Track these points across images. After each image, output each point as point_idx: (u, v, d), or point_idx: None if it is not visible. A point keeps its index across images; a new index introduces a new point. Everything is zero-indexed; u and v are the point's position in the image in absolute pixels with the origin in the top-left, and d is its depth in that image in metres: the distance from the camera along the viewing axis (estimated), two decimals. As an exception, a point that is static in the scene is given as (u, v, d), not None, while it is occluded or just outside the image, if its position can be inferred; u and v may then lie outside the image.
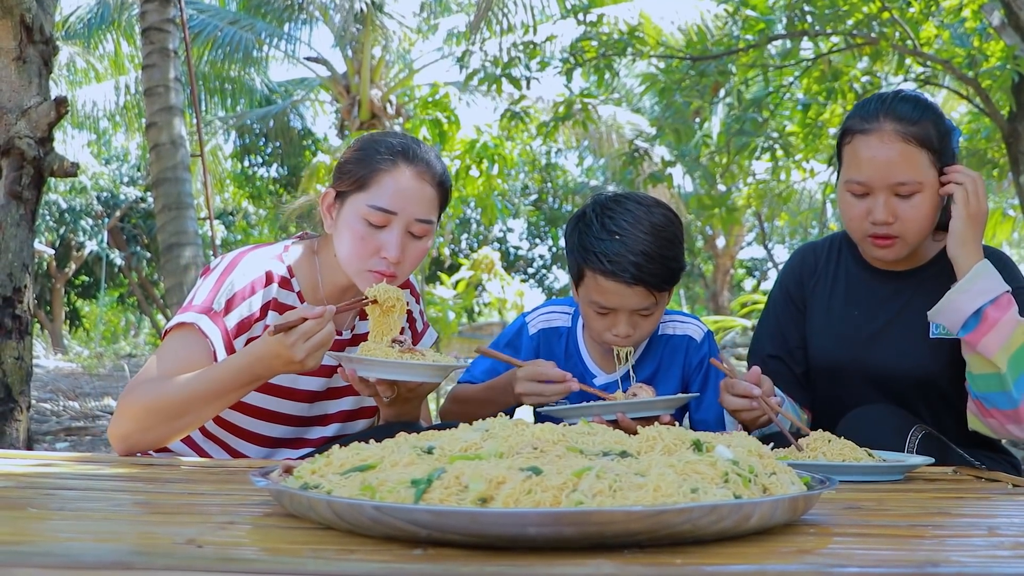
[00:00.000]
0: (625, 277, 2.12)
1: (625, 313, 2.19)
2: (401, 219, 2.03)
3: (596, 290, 2.18)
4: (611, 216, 2.18)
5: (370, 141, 2.11)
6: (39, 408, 8.28)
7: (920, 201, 2.12)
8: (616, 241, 2.14)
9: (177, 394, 1.88)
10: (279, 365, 1.85)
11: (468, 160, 9.61)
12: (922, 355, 2.19)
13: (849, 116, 2.23)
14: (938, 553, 1.02)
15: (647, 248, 2.13)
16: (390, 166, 2.04)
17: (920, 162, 2.10)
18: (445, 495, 1.02)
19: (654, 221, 2.17)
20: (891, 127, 2.10)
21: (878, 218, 2.12)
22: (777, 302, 2.44)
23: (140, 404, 1.88)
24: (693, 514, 0.98)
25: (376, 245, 2.02)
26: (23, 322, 4.17)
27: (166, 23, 7.89)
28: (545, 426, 1.27)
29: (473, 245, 25.70)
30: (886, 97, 2.18)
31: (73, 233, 23.52)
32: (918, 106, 2.14)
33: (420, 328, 2.40)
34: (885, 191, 2.11)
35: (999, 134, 7.11)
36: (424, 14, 16.53)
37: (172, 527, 1.11)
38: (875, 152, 2.10)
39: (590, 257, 2.16)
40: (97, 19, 15.48)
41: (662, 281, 2.17)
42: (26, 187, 4.14)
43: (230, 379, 1.88)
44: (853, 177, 2.15)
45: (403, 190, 2.03)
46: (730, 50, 7.28)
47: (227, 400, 1.91)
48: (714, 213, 8.82)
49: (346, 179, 2.07)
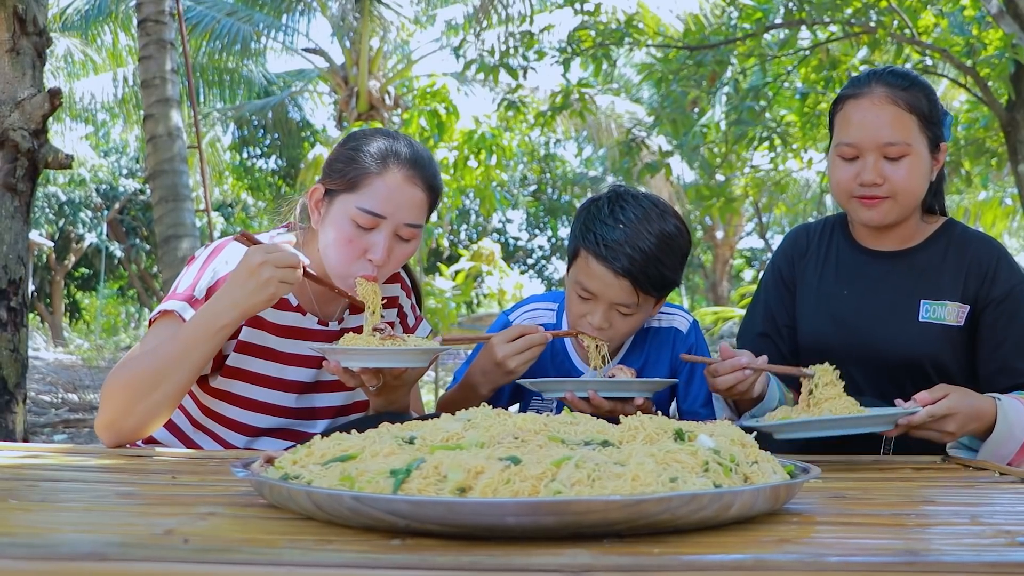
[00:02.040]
0: (616, 266, 2.11)
1: (604, 304, 2.17)
2: (390, 223, 2.01)
3: (584, 271, 2.16)
4: (623, 207, 2.17)
5: (362, 139, 2.08)
6: (38, 400, 8.29)
7: (909, 164, 2.13)
8: (619, 230, 2.12)
9: (148, 364, 1.86)
10: (243, 293, 1.83)
11: (466, 151, 9.59)
12: (911, 337, 2.19)
13: (843, 88, 2.26)
14: (919, 542, 1.02)
15: (647, 247, 2.11)
16: (381, 168, 2.01)
17: (909, 125, 2.12)
18: (424, 485, 1.02)
19: (664, 227, 2.16)
20: (881, 91, 2.13)
21: (866, 179, 2.13)
22: (768, 282, 2.44)
23: (117, 386, 1.87)
24: (672, 503, 0.98)
25: (363, 247, 2.00)
26: (19, 315, 4.16)
27: (162, 14, 7.87)
28: (527, 416, 1.26)
29: (472, 236, 25.70)
30: (879, 69, 2.22)
31: (72, 225, 23.53)
32: (908, 76, 2.18)
33: (412, 323, 2.38)
34: (874, 152, 2.12)
35: (997, 123, 7.10)
36: (422, 4, 16.48)
37: (152, 518, 1.11)
38: (865, 114, 2.13)
39: (589, 236, 2.15)
40: (95, 11, 15.45)
41: (650, 283, 2.14)
42: (20, 179, 4.13)
43: (193, 329, 1.86)
44: (843, 140, 2.16)
45: (393, 194, 2.01)
46: (727, 39, 7.26)
47: (197, 355, 1.86)
48: (712, 203, 8.81)
49: (336, 177, 2.05)
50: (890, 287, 2.25)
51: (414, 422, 1.33)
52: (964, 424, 1.88)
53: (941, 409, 1.84)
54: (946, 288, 2.21)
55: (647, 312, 2.24)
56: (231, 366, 2.08)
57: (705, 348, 2.41)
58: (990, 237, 2.32)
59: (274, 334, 2.10)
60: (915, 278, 2.23)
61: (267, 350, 2.09)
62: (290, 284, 1.85)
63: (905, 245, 2.28)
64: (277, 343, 2.10)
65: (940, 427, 1.87)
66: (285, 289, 1.85)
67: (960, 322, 2.18)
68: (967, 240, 2.26)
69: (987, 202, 13.63)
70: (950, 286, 2.20)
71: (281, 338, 2.10)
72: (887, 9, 6.54)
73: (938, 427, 1.87)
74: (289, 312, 2.11)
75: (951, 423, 1.86)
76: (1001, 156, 8.44)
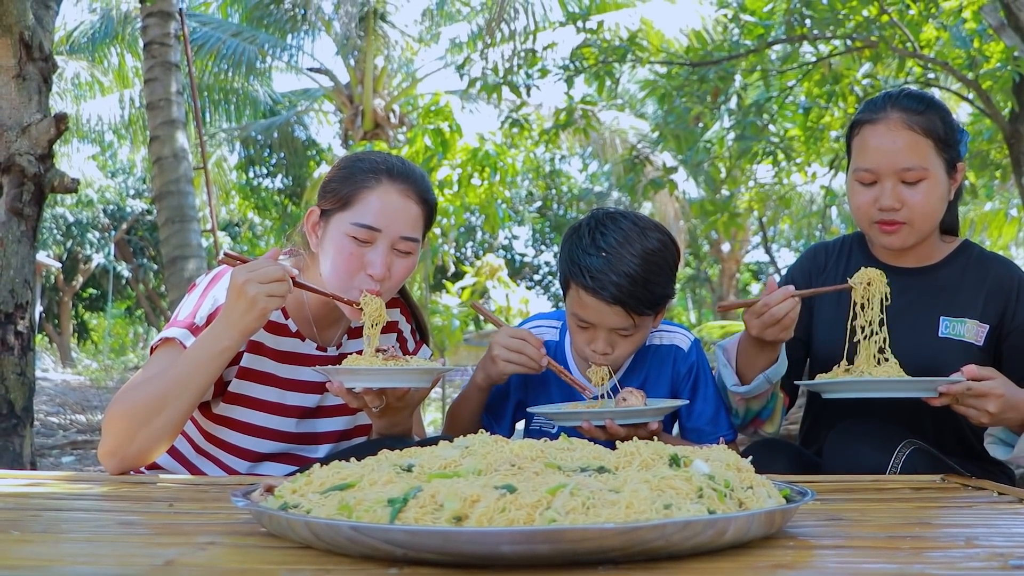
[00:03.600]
0: (604, 295, 2.11)
1: (604, 330, 2.18)
2: (386, 236, 2.03)
3: (577, 304, 2.18)
4: (603, 232, 2.17)
5: (354, 159, 2.13)
6: (46, 422, 8.31)
7: (926, 188, 2.17)
8: (602, 258, 2.13)
9: (151, 391, 1.88)
10: (236, 315, 1.85)
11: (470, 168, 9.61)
12: (930, 352, 2.21)
13: (858, 111, 2.30)
14: (912, 565, 1.02)
15: (632, 270, 2.11)
16: (374, 184, 2.05)
17: (926, 149, 2.16)
18: (420, 514, 1.03)
19: (647, 245, 2.15)
20: (897, 116, 2.17)
21: (885, 204, 2.17)
22: None
23: (119, 414, 1.88)
24: (666, 530, 0.99)
25: (362, 262, 2.03)
26: (25, 338, 4.19)
27: (167, 37, 7.93)
28: (524, 442, 1.27)
29: (479, 253, 25.71)
30: (894, 92, 2.26)
31: (80, 246, 23.62)
32: (924, 100, 2.22)
33: (412, 347, 2.40)
34: (892, 178, 2.17)
35: (1001, 135, 7.10)
36: (426, 23, 16.56)
37: (152, 548, 1.12)
38: (882, 139, 2.17)
39: (575, 270, 2.16)
40: (101, 33, 15.58)
41: (642, 305, 2.14)
42: (27, 204, 4.17)
43: (194, 355, 1.88)
44: (861, 165, 2.21)
45: (387, 207, 2.04)
46: (730, 55, 7.28)
47: (198, 380, 1.88)
48: (717, 218, 8.81)
49: (330, 197, 2.08)
50: (909, 303, 2.28)
51: (413, 448, 1.34)
52: (1003, 409, 1.95)
53: (984, 386, 1.93)
54: (965, 306, 2.25)
55: (647, 328, 2.26)
56: (232, 392, 2.09)
57: (707, 366, 2.42)
58: (1007, 259, 2.36)
59: (274, 359, 2.11)
60: (934, 295, 2.28)
61: (267, 375, 2.11)
62: (279, 297, 1.86)
63: (924, 263, 2.32)
64: (277, 368, 2.11)
65: (980, 405, 1.95)
66: (275, 303, 1.86)
67: (979, 341, 2.21)
68: (985, 260, 2.32)
69: (992, 214, 13.61)
70: (969, 304, 2.24)
71: (280, 363, 2.12)
72: (889, 23, 6.55)
73: (978, 404, 1.95)
74: (288, 338, 2.13)
75: (991, 403, 1.93)
76: (1005, 168, 8.43)
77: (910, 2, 6.62)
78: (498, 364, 2.21)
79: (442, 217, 9.48)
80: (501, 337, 2.22)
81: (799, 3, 6.63)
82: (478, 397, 2.34)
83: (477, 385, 2.31)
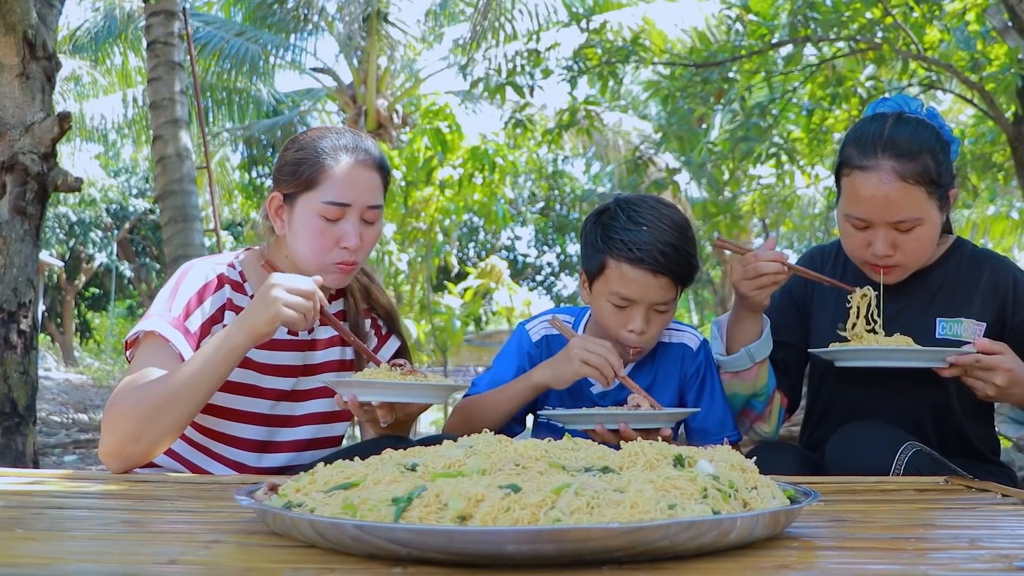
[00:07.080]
0: (652, 265, 2.17)
1: (644, 307, 2.21)
2: (355, 209, 2.11)
3: (619, 280, 2.20)
4: (636, 210, 2.24)
5: (308, 140, 2.17)
6: (48, 421, 8.32)
7: (920, 233, 2.16)
8: (644, 231, 2.19)
9: (160, 388, 1.88)
10: (252, 314, 1.88)
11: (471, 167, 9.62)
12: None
13: (847, 142, 2.23)
14: (916, 567, 1.02)
15: (672, 239, 2.19)
16: (334, 161, 2.11)
17: (919, 199, 2.13)
18: (425, 513, 1.03)
19: (675, 218, 2.25)
20: (889, 165, 2.11)
21: (878, 251, 2.17)
22: (776, 295, 2.46)
23: (124, 413, 1.88)
24: (670, 530, 0.99)
25: (335, 237, 2.09)
26: (28, 337, 4.19)
27: (171, 36, 7.93)
28: (528, 442, 1.27)
29: (481, 254, 25.71)
30: (884, 126, 2.18)
31: (83, 245, 23.64)
32: (916, 136, 2.15)
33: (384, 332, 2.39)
34: (885, 227, 2.15)
35: (1004, 137, 7.10)
36: (429, 23, 16.55)
37: (156, 546, 1.12)
38: (874, 192, 2.13)
39: (616, 245, 2.20)
40: (104, 32, 15.56)
41: (685, 273, 2.23)
42: (30, 203, 4.17)
43: (207, 352, 1.89)
44: (852, 213, 2.18)
45: (352, 181, 2.10)
46: (734, 56, 7.28)
47: (210, 378, 1.89)
48: (719, 220, 8.81)
49: (292, 180, 2.13)
50: (904, 308, 2.28)
51: (417, 448, 1.34)
52: (1010, 383, 1.98)
53: (993, 360, 1.97)
54: (961, 306, 2.25)
55: (675, 308, 2.31)
56: None
57: (714, 367, 2.42)
58: (1001, 255, 2.35)
59: None
60: (929, 298, 2.28)
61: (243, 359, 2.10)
62: (298, 313, 1.88)
63: (919, 265, 2.31)
64: (251, 352, 2.10)
65: (988, 377, 1.98)
66: (290, 315, 1.87)
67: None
68: (979, 258, 2.31)
69: (995, 216, 13.60)
70: (965, 303, 2.25)
71: (255, 348, 2.09)
72: (892, 25, 6.55)
73: (985, 377, 1.99)
74: None
75: (999, 376, 1.97)
76: (1008, 170, 8.43)
77: (914, 4, 6.61)
78: (574, 364, 2.19)
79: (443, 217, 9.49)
80: (582, 341, 2.20)
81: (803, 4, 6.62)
82: (527, 396, 2.32)
83: (534, 384, 2.28)
